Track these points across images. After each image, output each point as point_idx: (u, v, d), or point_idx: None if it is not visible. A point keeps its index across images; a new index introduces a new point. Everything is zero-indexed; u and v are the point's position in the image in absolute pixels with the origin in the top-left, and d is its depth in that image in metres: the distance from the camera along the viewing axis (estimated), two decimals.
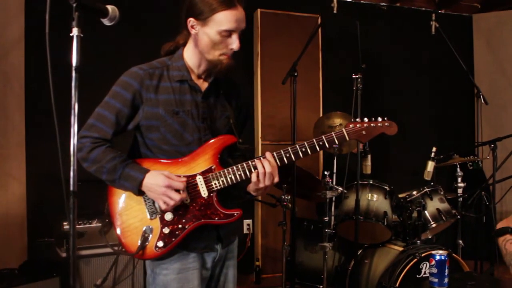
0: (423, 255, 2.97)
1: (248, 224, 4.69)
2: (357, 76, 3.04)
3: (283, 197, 3.36)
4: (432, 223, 3.34)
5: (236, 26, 1.77)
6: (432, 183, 3.63)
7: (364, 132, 1.88)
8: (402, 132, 5.37)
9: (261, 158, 1.80)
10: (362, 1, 5.29)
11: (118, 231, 1.86)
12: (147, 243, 1.81)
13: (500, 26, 5.52)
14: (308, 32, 4.64)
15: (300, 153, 1.82)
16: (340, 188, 3.18)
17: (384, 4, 5.33)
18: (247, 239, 4.65)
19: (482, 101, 3.96)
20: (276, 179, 1.81)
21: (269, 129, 4.56)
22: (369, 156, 3.25)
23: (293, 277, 3.42)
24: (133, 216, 1.84)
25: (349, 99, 4.89)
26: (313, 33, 3.27)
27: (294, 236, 3.16)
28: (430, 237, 3.59)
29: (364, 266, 3.32)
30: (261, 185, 1.80)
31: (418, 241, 3.24)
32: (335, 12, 3.45)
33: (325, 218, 3.14)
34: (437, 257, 2.02)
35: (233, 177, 1.81)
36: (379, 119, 1.91)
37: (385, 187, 3.34)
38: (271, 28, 4.61)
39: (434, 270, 2.02)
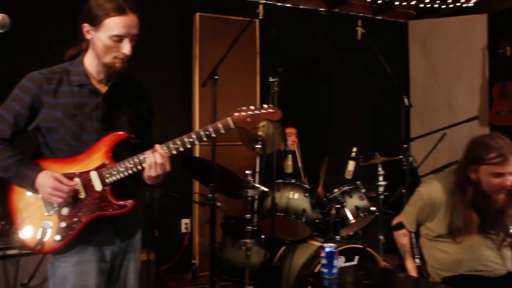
0: (338, 249, 3.11)
1: (186, 223, 4.79)
2: (274, 80, 3.15)
3: (209, 195, 3.46)
4: (351, 219, 3.50)
5: (126, 31, 1.87)
6: (358, 182, 3.80)
7: (249, 119, 2.01)
8: (337, 133, 5.61)
9: (151, 151, 1.92)
10: (301, 6, 5.46)
11: (19, 227, 1.95)
12: (45, 238, 1.90)
13: (433, 32, 5.79)
14: (247, 36, 4.78)
15: (188, 143, 1.95)
16: (262, 187, 3.30)
17: (323, 9, 5.52)
18: (184, 238, 4.75)
19: (406, 103, 4.15)
20: (167, 168, 1.93)
21: None
22: (289, 156, 3.39)
23: (216, 273, 3.55)
24: (32, 213, 1.94)
25: (285, 101, 5.06)
26: (238, 35, 3.38)
27: (213, 233, 3.25)
28: (352, 233, 3.75)
29: (286, 261, 3.45)
30: (153, 174, 1.91)
31: (338, 237, 3.40)
32: (261, 17, 3.57)
33: (247, 216, 3.26)
34: (327, 249, 2.16)
35: (124, 171, 1.92)
36: (265, 105, 2.03)
37: (306, 185, 3.49)
38: (209, 32, 4.73)
39: (325, 261, 2.16)
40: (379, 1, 5.61)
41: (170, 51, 4.84)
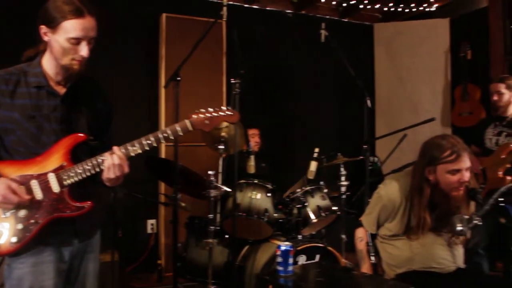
0: (298, 248, 3.18)
1: (152, 224, 4.79)
2: (235, 81, 3.18)
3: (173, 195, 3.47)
4: (313, 218, 3.56)
5: (83, 34, 1.87)
6: (322, 182, 3.88)
7: (207, 122, 2.05)
8: (303, 133, 5.68)
9: (110, 153, 1.93)
10: (268, 8, 5.51)
11: None
12: (1, 240, 1.89)
13: (397, 35, 5.93)
14: (213, 37, 4.81)
15: (146, 145, 1.97)
16: (224, 187, 3.35)
17: (290, 11, 5.59)
18: (150, 239, 4.75)
19: (369, 105, 4.24)
20: (126, 170, 1.95)
21: None
22: (252, 157, 3.44)
23: (180, 273, 3.57)
24: None
25: (250, 102, 5.10)
26: (201, 37, 3.40)
27: (176, 233, 3.25)
28: (314, 232, 3.82)
29: (249, 260, 3.49)
30: (112, 175, 1.93)
31: (299, 236, 3.46)
32: (225, 19, 3.60)
33: (210, 216, 3.29)
34: (282, 248, 2.20)
35: (82, 173, 1.93)
36: (223, 108, 2.07)
37: (268, 185, 3.54)
38: (176, 32, 4.73)
39: (280, 260, 2.21)
40: (344, 4, 5.70)
41: (137, 52, 4.84)
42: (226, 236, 3.61)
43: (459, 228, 2.20)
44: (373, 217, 2.64)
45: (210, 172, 3.29)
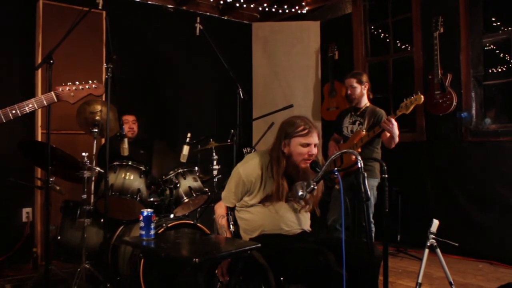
0: (170, 225, 3.39)
1: (28, 212, 4.73)
2: (108, 66, 3.32)
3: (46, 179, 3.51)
4: (185, 198, 3.80)
5: None
6: (196, 167, 4.12)
7: (72, 94, 2.23)
8: (185, 122, 5.89)
9: None
10: (149, 2, 5.67)
11: None
12: None
13: (273, 34, 6.37)
14: (93, 26, 4.90)
15: (12, 115, 2.09)
16: (97, 168, 3.47)
17: (171, 6, 5.79)
18: (26, 227, 4.68)
19: (241, 96, 4.57)
20: None
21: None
22: (125, 139, 3.59)
23: (55, 255, 3.63)
24: None
25: (130, 91, 5.23)
26: (74, 24, 3.45)
27: (48, 216, 3.26)
28: (187, 213, 4.07)
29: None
30: None
31: (172, 215, 3.68)
32: (100, 8, 3.71)
33: (83, 196, 3.40)
34: (144, 213, 2.41)
35: None
36: (90, 81, 2.25)
37: (141, 167, 3.72)
38: (53, 20, 4.72)
39: (142, 224, 2.42)
40: (221, 1, 6.01)
41: (14, 38, 4.78)
42: (102, 220, 3.71)
43: (300, 193, 2.53)
44: (233, 192, 2.90)
45: (84, 154, 3.39)
